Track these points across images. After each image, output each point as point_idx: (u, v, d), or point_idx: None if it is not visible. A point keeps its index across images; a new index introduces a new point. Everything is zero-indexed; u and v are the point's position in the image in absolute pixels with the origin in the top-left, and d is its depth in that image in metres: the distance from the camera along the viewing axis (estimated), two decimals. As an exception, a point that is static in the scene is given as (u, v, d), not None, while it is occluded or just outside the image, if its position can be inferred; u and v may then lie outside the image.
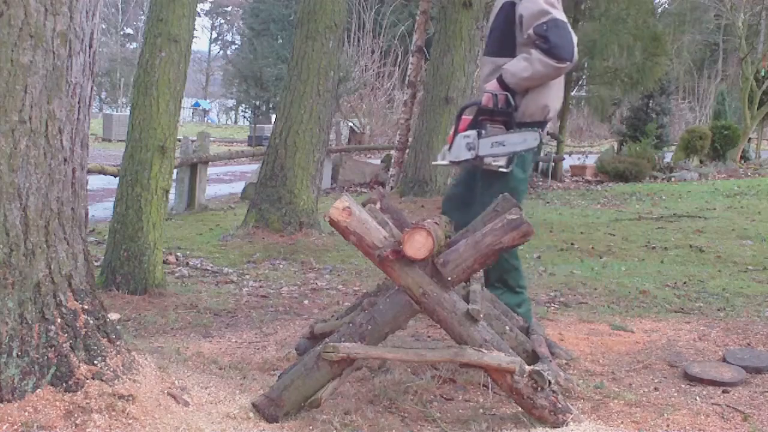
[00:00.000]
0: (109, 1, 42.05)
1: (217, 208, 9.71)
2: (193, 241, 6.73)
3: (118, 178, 4.66)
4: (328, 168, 12.28)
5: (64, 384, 2.22)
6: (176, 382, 2.55)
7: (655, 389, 2.97)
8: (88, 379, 2.25)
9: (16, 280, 2.17)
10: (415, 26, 12.01)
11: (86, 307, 2.35)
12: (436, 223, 2.58)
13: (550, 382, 2.44)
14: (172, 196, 6.48)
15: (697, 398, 2.87)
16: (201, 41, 59.23)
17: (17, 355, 2.16)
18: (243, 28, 43.13)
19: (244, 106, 41.58)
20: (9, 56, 2.14)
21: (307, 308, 4.39)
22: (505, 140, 3.25)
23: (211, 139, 11.62)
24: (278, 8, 34.95)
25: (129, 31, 49.26)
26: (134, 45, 46.76)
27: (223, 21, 55.05)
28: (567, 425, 2.41)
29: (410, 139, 11.11)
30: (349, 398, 2.73)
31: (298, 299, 4.61)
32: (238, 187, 12.08)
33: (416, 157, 10.22)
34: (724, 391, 2.94)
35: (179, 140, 7.58)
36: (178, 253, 5.96)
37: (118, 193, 4.55)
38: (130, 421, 2.20)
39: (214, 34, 55.13)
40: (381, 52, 22.28)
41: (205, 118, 44.21)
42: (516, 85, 3.27)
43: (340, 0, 6.99)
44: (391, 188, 10.99)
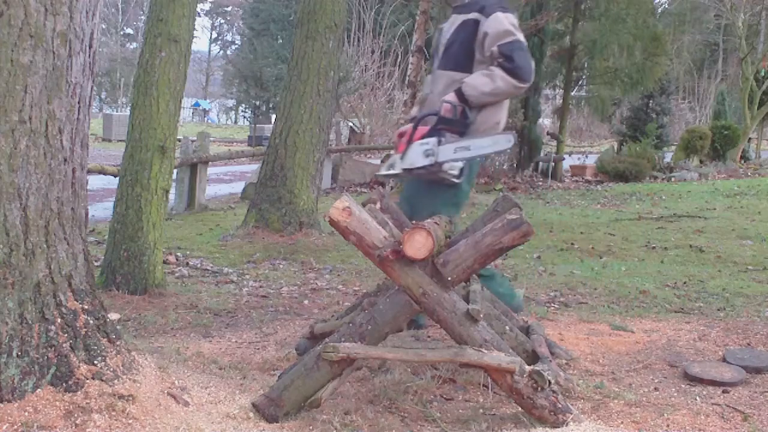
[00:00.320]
0: (109, 1, 42.05)
1: (217, 208, 9.71)
2: (193, 241, 6.73)
3: (118, 178, 4.66)
4: (328, 168, 12.27)
5: (64, 384, 2.22)
6: (176, 382, 2.55)
7: (655, 389, 2.97)
8: (88, 379, 2.25)
9: (16, 280, 2.17)
10: (415, 26, 11.99)
11: (86, 307, 2.35)
12: (436, 223, 2.58)
13: (550, 382, 2.44)
14: (172, 196, 6.48)
15: (697, 398, 2.87)
16: (201, 41, 59.29)
17: (17, 355, 2.16)
18: (243, 28, 43.15)
19: (244, 106, 41.57)
20: (9, 56, 2.14)
21: (307, 308, 4.39)
22: (470, 144, 3.28)
23: (211, 139, 11.62)
24: (278, 8, 34.97)
25: (129, 31, 49.26)
26: (134, 45, 46.77)
27: (223, 21, 55.07)
28: (567, 425, 2.41)
29: (410, 139, 11.09)
30: (349, 398, 2.73)
31: (298, 299, 4.61)
32: (238, 187, 12.08)
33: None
34: (724, 391, 2.94)
35: (179, 140, 7.58)
36: (178, 253, 5.96)
37: (118, 193, 4.55)
38: (130, 421, 2.20)
39: (214, 34, 55.17)
40: (381, 52, 22.27)
41: (205, 118, 44.22)
42: (476, 98, 3.33)
43: (340, 0, 6.99)
44: (391, 188, 10.98)
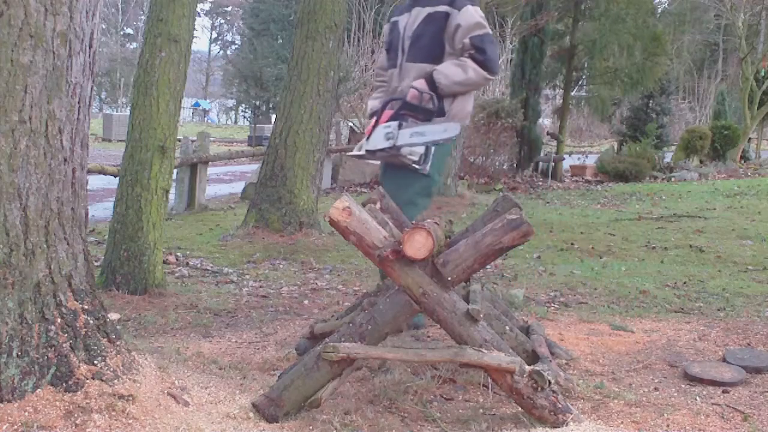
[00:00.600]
0: (109, 1, 42.05)
1: (217, 208, 9.71)
2: (193, 241, 6.73)
3: (118, 178, 4.66)
4: (328, 168, 12.27)
5: (64, 384, 2.22)
6: (176, 382, 2.55)
7: (655, 389, 2.97)
8: (88, 379, 2.25)
9: (16, 280, 2.17)
10: (415, 26, 11.97)
11: (86, 307, 2.35)
12: (436, 223, 2.58)
13: (550, 382, 2.44)
14: (172, 196, 6.48)
15: (697, 398, 2.87)
16: (201, 41, 59.33)
17: (17, 355, 2.16)
18: (243, 28, 43.14)
19: (244, 106, 41.57)
20: (9, 56, 2.14)
21: (307, 308, 4.39)
22: (425, 130, 3.32)
23: (211, 139, 11.62)
24: (278, 8, 34.96)
25: (129, 31, 49.27)
26: (134, 45, 46.78)
27: (223, 21, 55.08)
28: (567, 425, 2.41)
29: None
30: (349, 398, 2.73)
31: (298, 299, 4.61)
32: (238, 187, 12.08)
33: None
34: (724, 391, 2.94)
35: (179, 140, 7.59)
36: (178, 253, 5.96)
37: (118, 193, 4.55)
38: (130, 421, 2.20)
39: (214, 34, 55.17)
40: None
41: (205, 118, 44.24)
42: (446, 87, 3.37)
43: (340, 0, 6.99)
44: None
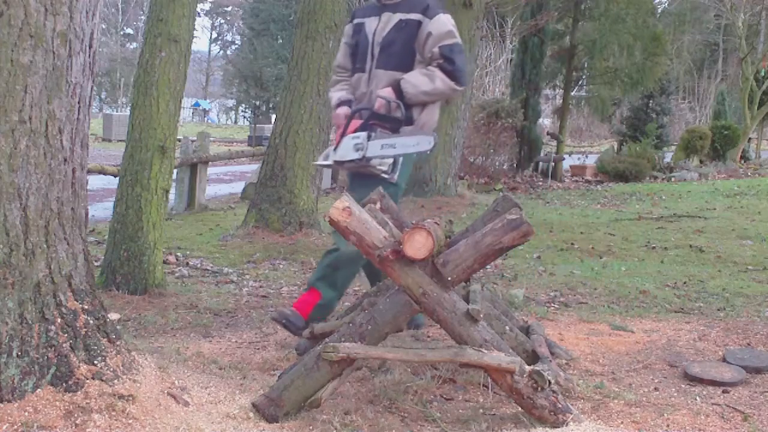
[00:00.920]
0: (109, 1, 42.05)
1: (217, 208, 9.71)
2: (193, 241, 6.72)
3: (118, 178, 4.66)
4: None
5: (64, 384, 2.22)
6: (176, 382, 2.55)
7: (655, 389, 2.97)
8: (88, 379, 2.25)
9: (16, 280, 2.17)
10: (415, 26, 11.98)
11: (86, 307, 2.35)
12: (436, 223, 2.58)
13: (550, 382, 2.44)
14: (172, 196, 6.47)
15: (697, 398, 2.87)
16: (201, 41, 59.30)
17: (17, 355, 2.16)
18: (243, 28, 43.15)
19: (244, 106, 41.61)
20: (9, 56, 2.14)
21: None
22: (396, 142, 3.28)
23: (211, 139, 11.61)
24: (278, 8, 34.98)
25: (129, 31, 49.27)
26: (134, 45, 46.78)
27: (223, 21, 55.06)
28: (567, 425, 2.41)
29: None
30: (349, 398, 2.73)
31: (298, 299, 4.61)
32: (238, 187, 12.07)
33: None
34: (724, 391, 2.94)
35: (179, 140, 7.58)
36: (178, 253, 5.96)
37: (118, 193, 4.55)
38: (130, 421, 2.20)
39: (214, 34, 55.16)
40: (381, 52, 22.24)
41: (205, 118, 44.23)
42: (413, 96, 3.35)
43: (340, 0, 6.99)
44: (391, 188, 10.97)
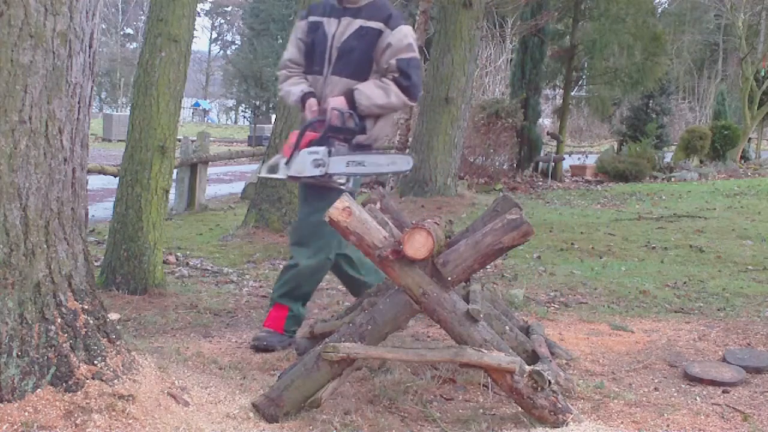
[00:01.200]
0: (109, 1, 42.04)
1: (217, 208, 9.71)
2: (193, 241, 6.72)
3: (118, 178, 4.66)
4: (328, 168, 12.24)
5: (64, 384, 2.21)
6: (176, 382, 2.55)
7: (655, 389, 2.97)
8: (88, 379, 2.25)
9: (16, 280, 2.17)
10: (415, 26, 11.99)
11: (86, 307, 2.35)
12: (436, 223, 2.58)
13: (550, 382, 2.44)
14: (172, 196, 6.47)
15: (697, 398, 2.87)
16: (201, 41, 59.30)
17: (17, 355, 2.16)
18: (243, 28, 43.15)
19: (244, 106, 41.60)
20: (9, 56, 2.14)
21: (307, 308, 4.38)
22: (365, 160, 3.24)
23: (211, 139, 11.61)
24: (278, 8, 34.97)
25: (129, 31, 49.25)
26: (134, 45, 46.76)
27: (223, 21, 55.06)
28: (567, 425, 2.41)
29: (410, 139, 11.11)
30: (349, 398, 2.73)
31: (298, 299, 4.60)
32: (238, 187, 12.07)
33: (416, 157, 10.23)
34: (724, 391, 2.94)
35: (179, 140, 7.58)
36: (178, 253, 5.96)
37: (118, 193, 4.54)
38: (130, 421, 2.20)
39: (214, 34, 55.15)
40: (381, 52, 22.24)
41: (205, 118, 44.21)
42: (366, 108, 3.30)
43: (340, 0, 6.98)
44: (391, 188, 10.99)
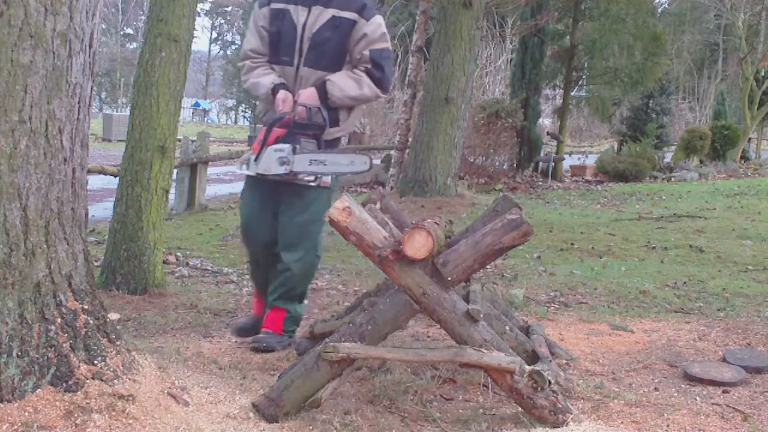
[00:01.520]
0: (109, 1, 42.02)
1: (217, 208, 9.71)
2: (193, 241, 6.72)
3: (118, 178, 4.66)
4: (328, 168, 12.23)
5: (64, 384, 2.21)
6: (176, 382, 2.55)
7: (655, 389, 2.97)
8: (88, 379, 2.25)
9: (16, 280, 2.17)
10: (415, 26, 11.99)
11: (86, 307, 2.35)
12: (436, 223, 2.58)
13: (550, 382, 2.44)
14: (172, 196, 6.47)
15: (697, 398, 2.87)
16: (201, 41, 59.23)
17: (17, 355, 2.16)
18: (243, 28, 43.10)
19: (244, 106, 41.59)
20: (9, 56, 2.14)
21: (307, 308, 4.38)
22: (326, 159, 3.18)
23: (211, 139, 11.61)
24: (278, 8, 34.90)
25: (129, 31, 49.24)
26: (134, 45, 46.74)
27: (223, 21, 55.06)
28: (567, 425, 2.41)
29: (410, 139, 11.11)
30: (349, 398, 2.73)
31: (298, 299, 4.60)
32: (238, 187, 11.98)
33: (416, 157, 10.23)
34: (724, 391, 2.94)
35: (179, 140, 7.57)
36: (178, 253, 5.96)
37: (118, 193, 4.55)
38: (130, 421, 2.20)
39: (214, 34, 55.15)
40: (381, 52, 22.25)
41: (205, 118, 44.18)
42: (338, 100, 3.26)
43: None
44: (391, 188, 10.98)
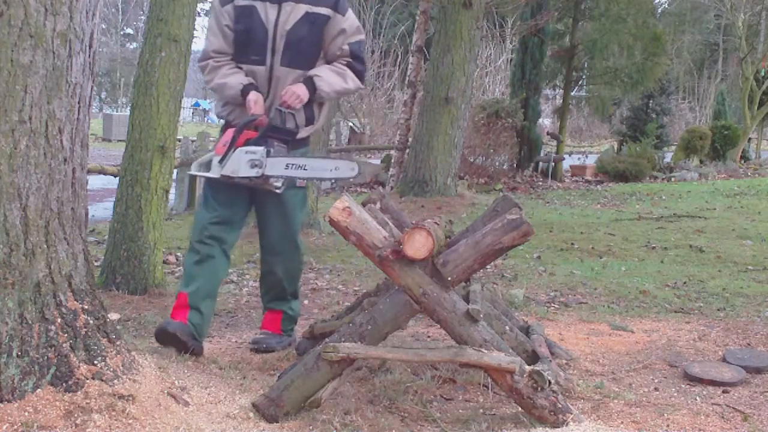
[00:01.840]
0: (109, 1, 42.00)
1: (217, 208, 9.68)
2: (193, 241, 6.71)
3: (118, 178, 4.66)
4: (328, 168, 12.23)
5: (64, 384, 2.21)
6: (176, 382, 2.55)
7: (655, 389, 2.97)
8: (88, 379, 2.25)
9: (16, 280, 2.17)
10: (415, 26, 12.00)
11: (86, 307, 2.35)
12: (436, 223, 2.58)
13: (550, 382, 2.44)
14: (172, 196, 6.47)
15: (697, 398, 2.87)
16: (201, 41, 59.13)
17: (17, 355, 2.16)
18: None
19: (244, 106, 41.43)
20: (9, 56, 2.14)
21: (307, 308, 4.39)
22: (307, 164, 3.12)
23: (211, 139, 11.60)
24: (278, 8, 34.90)
25: (129, 31, 49.23)
26: (134, 45, 46.71)
27: (223, 21, 55.00)
28: (567, 425, 2.41)
29: (410, 139, 11.12)
30: (349, 398, 2.73)
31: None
32: (238, 187, 12.04)
33: (416, 157, 10.24)
34: (724, 391, 2.94)
35: (179, 140, 7.58)
36: (178, 253, 5.95)
37: (118, 193, 4.55)
38: (130, 421, 2.20)
39: (214, 34, 55.08)
40: (381, 52, 22.28)
41: (205, 118, 44.13)
42: (326, 95, 3.22)
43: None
44: (391, 188, 10.98)
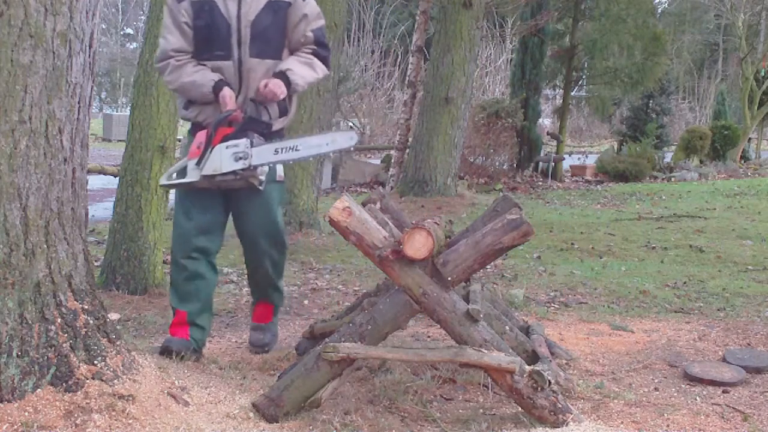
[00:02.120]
0: (109, 1, 41.98)
1: (217, 208, 9.68)
2: (193, 241, 6.71)
3: (118, 178, 4.66)
4: (328, 168, 12.26)
5: (64, 384, 2.22)
6: (176, 382, 2.55)
7: (655, 389, 2.97)
8: (88, 379, 2.25)
9: (16, 280, 2.17)
10: (415, 26, 12.00)
11: (86, 307, 2.35)
12: (436, 223, 2.58)
13: (550, 382, 2.44)
14: (172, 196, 6.47)
15: (697, 398, 2.87)
16: (201, 41, 59.11)
17: (17, 355, 2.16)
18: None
19: (244, 106, 41.48)
20: (9, 56, 2.14)
21: (307, 308, 4.39)
22: (298, 144, 3.03)
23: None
24: (278, 8, 34.90)
25: (129, 31, 49.22)
26: (134, 45, 46.71)
27: (223, 21, 55.02)
28: (567, 425, 2.41)
29: (410, 139, 11.12)
30: (349, 398, 2.73)
31: (298, 299, 4.61)
32: (238, 187, 12.04)
33: (416, 157, 10.24)
34: (724, 391, 2.95)
35: (179, 140, 7.56)
36: (178, 253, 5.95)
37: (118, 193, 4.55)
38: (130, 421, 2.20)
39: (214, 34, 55.10)
40: (381, 52, 22.30)
41: (205, 118, 44.10)
42: (300, 88, 3.11)
43: (340, 0, 6.98)
44: (391, 188, 10.98)
